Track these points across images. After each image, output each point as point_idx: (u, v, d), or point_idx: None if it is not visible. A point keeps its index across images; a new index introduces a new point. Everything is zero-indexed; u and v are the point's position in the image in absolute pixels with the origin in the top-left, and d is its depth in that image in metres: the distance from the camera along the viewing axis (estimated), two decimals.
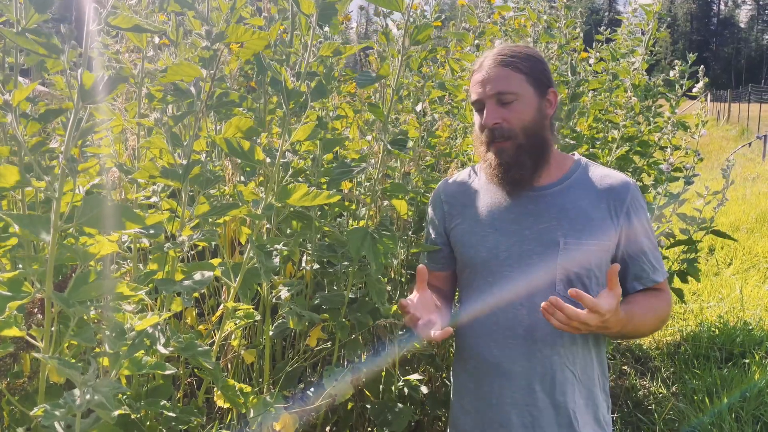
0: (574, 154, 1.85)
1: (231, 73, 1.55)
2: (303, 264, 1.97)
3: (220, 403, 1.54)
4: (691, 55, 3.20)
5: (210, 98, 1.21)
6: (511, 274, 1.72)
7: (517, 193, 1.74)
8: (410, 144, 1.83)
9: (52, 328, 0.99)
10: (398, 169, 2.02)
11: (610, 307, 1.48)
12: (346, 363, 1.96)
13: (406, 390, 2.00)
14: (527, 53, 1.73)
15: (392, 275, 2.18)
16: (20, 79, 1.38)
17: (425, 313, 1.55)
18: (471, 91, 1.74)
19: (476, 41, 3.07)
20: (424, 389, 2.07)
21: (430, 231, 1.90)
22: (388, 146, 1.74)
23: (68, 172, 0.82)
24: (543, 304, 1.49)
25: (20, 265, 1.18)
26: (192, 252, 2.03)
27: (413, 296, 1.61)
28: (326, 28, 1.68)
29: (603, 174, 1.77)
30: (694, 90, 3.18)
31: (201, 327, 1.86)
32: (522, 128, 1.67)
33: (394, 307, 1.72)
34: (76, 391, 0.88)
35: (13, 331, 0.91)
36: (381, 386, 2.00)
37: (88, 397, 0.84)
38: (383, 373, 1.98)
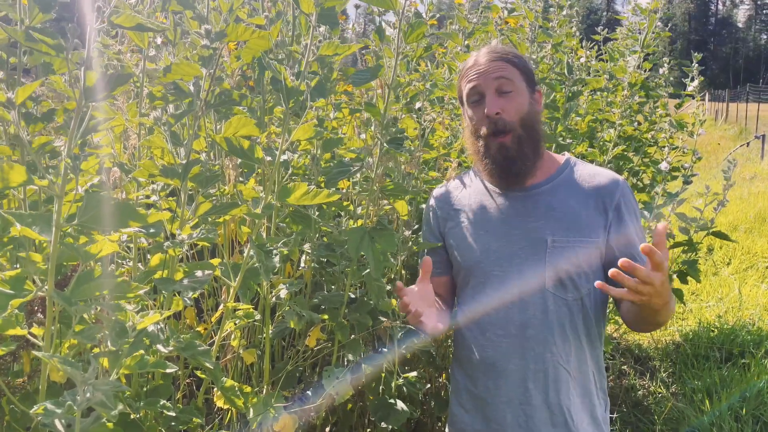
0: (564, 154, 1.87)
1: (232, 73, 1.55)
2: (302, 264, 1.97)
3: (220, 403, 1.54)
4: (696, 54, 3.19)
5: (210, 97, 1.21)
6: (502, 274, 1.73)
7: (514, 187, 1.75)
8: (407, 143, 1.83)
9: (53, 327, 0.99)
10: (397, 170, 2.02)
11: (663, 260, 1.39)
12: (345, 363, 1.96)
13: (405, 389, 2.00)
14: (515, 52, 1.77)
15: (392, 275, 2.18)
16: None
17: (422, 305, 1.56)
18: (463, 85, 1.75)
19: (466, 41, 3.08)
20: (421, 386, 2.07)
21: (428, 237, 1.92)
22: (386, 145, 1.74)
23: (71, 171, 0.82)
24: (611, 271, 1.37)
25: (17, 265, 1.18)
26: (191, 252, 2.03)
27: (413, 286, 1.61)
28: (322, 28, 1.68)
29: (592, 172, 1.78)
30: (689, 89, 3.18)
31: (200, 327, 1.85)
32: (520, 119, 1.69)
33: (394, 303, 1.72)
34: (77, 390, 0.88)
35: (15, 330, 0.90)
36: (381, 386, 2.00)
37: (88, 395, 0.84)
38: (383, 373, 1.98)
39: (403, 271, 2.14)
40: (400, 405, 1.91)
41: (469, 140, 1.79)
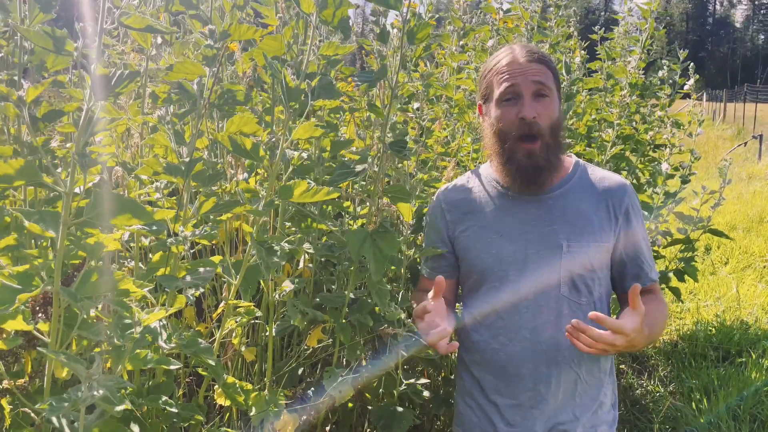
0: (571, 156, 1.87)
1: (243, 74, 1.56)
2: (301, 264, 1.97)
3: (221, 401, 1.54)
4: (682, 52, 3.20)
5: (213, 96, 1.22)
6: (516, 277, 1.73)
7: (531, 192, 1.74)
8: (410, 144, 1.83)
9: (58, 324, 1.00)
10: (401, 170, 2.02)
11: (634, 326, 1.49)
12: (346, 363, 1.97)
13: (408, 394, 2.00)
14: (549, 55, 1.74)
15: (392, 275, 2.18)
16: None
17: (441, 322, 1.54)
18: (497, 83, 1.69)
19: (461, 42, 3.09)
20: (426, 393, 2.07)
21: (433, 239, 1.90)
22: (388, 148, 1.75)
23: (80, 168, 0.83)
24: (567, 327, 1.51)
25: (20, 263, 1.19)
26: (192, 250, 2.03)
27: (430, 303, 1.57)
28: (323, 29, 1.69)
29: (601, 176, 1.78)
30: (685, 87, 3.19)
31: (201, 326, 1.86)
32: (549, 126, 1.66)
33: (402, 315, 1.72)
34: (80, 387, 0.89)
35: (21, 325, 0.91)
36: (381, 389, 2.00)
37: (93, 391, 0.85)
38: (383, 377, 1.98)
39: (402, 271, 2.14)
40: (403, 411, 1.91)
41: (491, 140, 1.74)
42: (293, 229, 1.87)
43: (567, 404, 1.73)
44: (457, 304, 1.94)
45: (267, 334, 1.85)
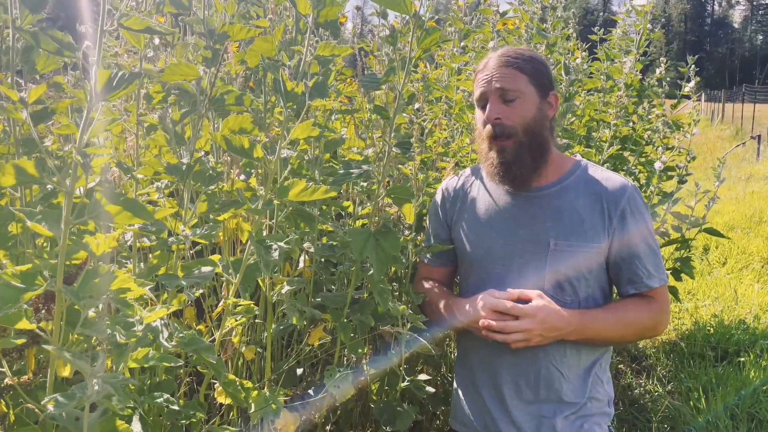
0: (576, 156, 1.88)
1: (236, 76, 1.58)
2: (301, 264, 1.98)
3: (221, 399, 1.55)
4: (691, 56, 3.22)
5: (214, 93, 1.23)
6: (503, 272, 1.76)
7: (517, 190, 1.77)
8: (415, 144, 1.85)
9: (61, 323, 1.01)
10: (404, 170, 2.04)
11: (536, 306, 1.61)
12: (346, 363, 1.98)
13: (410, 390, 2.01)
14: (530, 55, 1.77)
15: (393, 274, 2.19)
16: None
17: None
18: (475, 89, 1.78)
19: (462, 43, 3.10)
20: (429, 389, 2.08)
21: (434, 228, 1.95)
22: (394, 149, 1.76)
23: (81, 168, 0.84)
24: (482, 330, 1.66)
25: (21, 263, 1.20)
26: (191, 251, 2.04)
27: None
28: (320, 30, 1.70)
29: (602, 177, 1.78)
30: (686, 89, 3.20)
31: (201, 326, 1.87)
32: (522, 126, 1.70)
33: (402, 308, 1.73)
34: (84, 384, 0.90)
35: (25, 324, 0.93)
36: (386, 387, 2.02)
37: (97, 388, 0.86)
38: (386, 375, 1.99)
39: (404, 270, 2.15)
40: (405, 408, 1.93)
41: (477, 140, 1.82)
42: (292, 229, 1.88)
43: (550, 399, 1.75)
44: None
45: (267, 333, 1.86)
